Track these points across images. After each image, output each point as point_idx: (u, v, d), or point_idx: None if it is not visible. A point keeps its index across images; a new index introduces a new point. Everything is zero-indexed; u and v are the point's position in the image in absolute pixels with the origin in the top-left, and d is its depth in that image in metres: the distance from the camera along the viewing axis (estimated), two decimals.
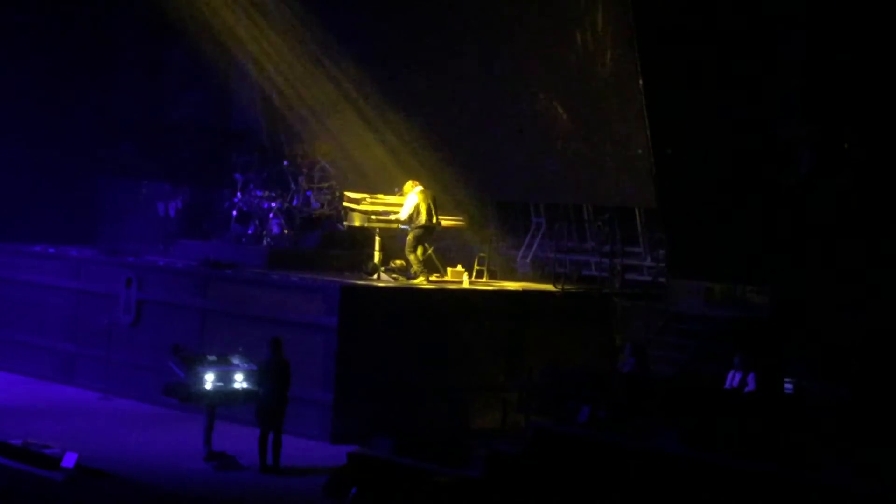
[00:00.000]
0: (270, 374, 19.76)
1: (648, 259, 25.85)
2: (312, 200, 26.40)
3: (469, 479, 17.60)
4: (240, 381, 19.97)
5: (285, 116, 29.96)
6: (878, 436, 16.23)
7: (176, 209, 29.28)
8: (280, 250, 25.90)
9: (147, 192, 29.80)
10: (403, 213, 24.15)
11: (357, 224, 24.74)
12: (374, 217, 24.61)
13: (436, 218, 24.19)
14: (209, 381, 19.72)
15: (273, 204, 26.67)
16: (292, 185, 26.71)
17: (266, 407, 19.68)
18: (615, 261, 25.73)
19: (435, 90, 27.39)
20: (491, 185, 27.42)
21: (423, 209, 23.94)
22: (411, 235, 24.05)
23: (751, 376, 19.76)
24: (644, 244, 25.91)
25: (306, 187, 26.49)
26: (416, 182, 24.40)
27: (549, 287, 25.17)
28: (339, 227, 25.77)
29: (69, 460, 18.70)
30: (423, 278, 23.97)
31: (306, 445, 21.15)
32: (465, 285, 24.60)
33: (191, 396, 19.94)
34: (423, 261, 24.14)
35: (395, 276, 24.16)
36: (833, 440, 16.43)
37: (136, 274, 25.49)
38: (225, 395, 19.90)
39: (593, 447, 17.87)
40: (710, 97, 23.32)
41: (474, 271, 25.57)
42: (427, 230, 24.13)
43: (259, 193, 26.97)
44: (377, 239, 24.54)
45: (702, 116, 23.49)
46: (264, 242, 26.36)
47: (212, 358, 20.05)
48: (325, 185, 26.59)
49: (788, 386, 21.04)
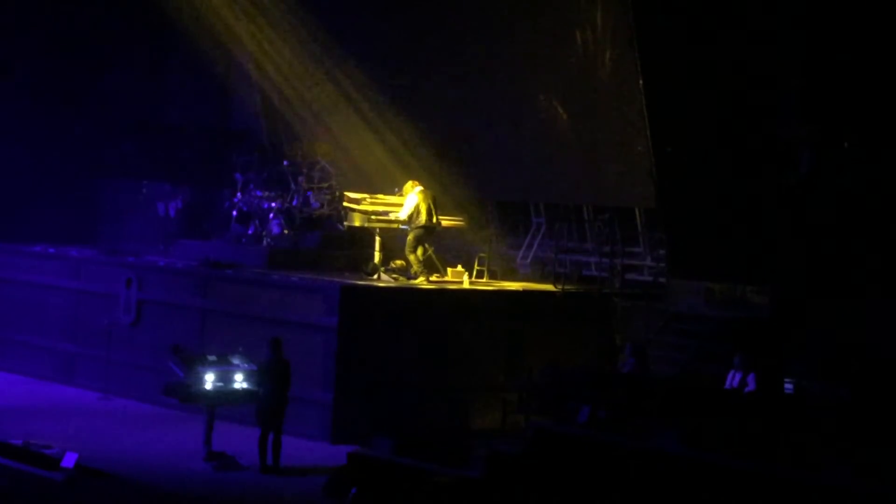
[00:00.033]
0: (270, 374, 19.75)
1: (648, 259, 25.83)
2: (312, 200, 26.37)
3: (469, 479, 17.60)
4: (240, 381, 19.97)
5: (285, 116, 29.97)
6: (878, 436, 16.23)
7: (176, 209, 29.25)
8: (280, 250, 25.89)
9: (147, 192, 29.77)
10: (403, 213, 24.14)
11: (357, 224, 24.73)
12: (374, 217, 24.59)
13: (436, 218, 24.18)
14: (209, 381, 19.73)
15: (273, 204, 26.65)
16: (292, 185, 26.68)
17: (266, 407, 19.68)
18: (615, 261, 25.71)
19: (435, 90, 27.38)
20: (491, 185, 27.41)
21: (423, 209, 23.93)
22: (411, 236, 24.04)
23: (751, 376, 19.77)
24: (644, 244, 25.90)
25: (306, 187, 26.46)
26: (416, 182, 24.39)
27: (549, 287, 25.17)
28: (339, 227, 25.76)
29: (69, 460, 18.69)
30: (424, 278, 23.96)
31: (306, 445, 21.14)
32: (466, 285, 24.59)
33: (191, 396, 19.93)
34: (423, 261, 24.13)
35: (395, 276, 24.15)
36: (833, 440, 16.43)
37: (136, 274, 25.48)
38: (225, 395, 19.91)
39: (593, 447, 17.86)
40: (710, 97, 23.31)
41: (474, 271, 25.56)
42: (427, 230, 24.12)
43: (259, 193, 26.96)
44: (377, 239, 24.52)
45: (702, 116, 23.48)
46: (264, 242, 26.35)
47: (212, 358, 20.05)
48: (325, 185, 26.56)
49: (788, 386, 21.03)
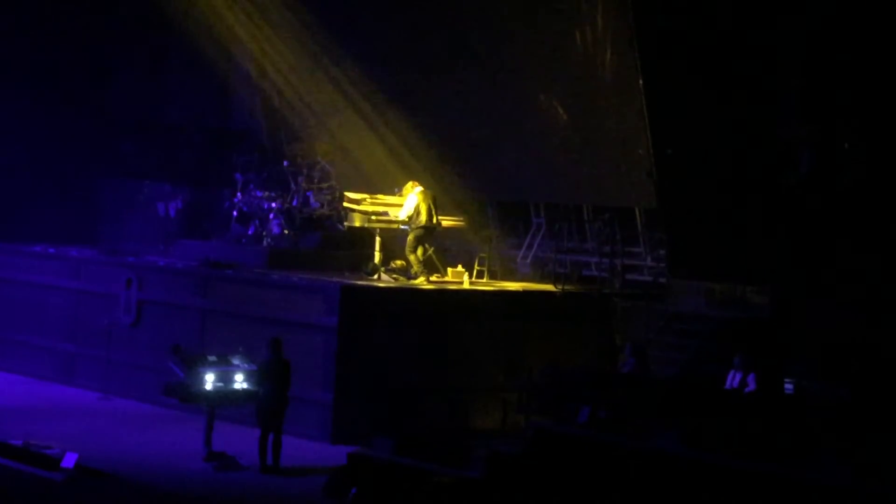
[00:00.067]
0: (270, 375, 19.74)
1: (649, 259, 25.81)
2: (312, 200, 26.38)
3: (469, 479, 17.58)
4: (240, 382, 19.96)
5: (285, 116, 29.96)
6: (878, 436, 16.23)
7: (176, 209, 29.25)
8: (280, 250, 25.90)
9: (147, 192, 29.77)
10: (403, 214, 24.14)
11: (357, 224, 24.75)
12: (374, 217, 24.60)
13: (436, 218, 24.18)
14: (209, 381, 19.72)
15: (273, 204, 26.65)
16: (292, 186, 26.69)
17: (266, 407, 19.67)
18: (615, 261, 25.70)
19: (435, 90, 27.37)
20: (491, 185, 27.41)
21: (423, 209, 23.93)
22: (411, 236, 24.04)
23: (751, 376, 19.78)
24: (644, 244, 25.88)
25: (306, 187, 26.47)
26: (416, 182, 24.40)
27: (549, 287, 25.16)
28: (340, 227, 25.77)
29: (69, 460, 18.69)
30: (424, 279, 23.96)
31: (306, 445, 21.14)
32: (466, 286, 24.59)
33: (191, 396, 19.93)
34: (423, 261, 24.13)
35: (395, 276, 24.15)
36: (833, 440, 16.43)
37: (136, 274, 25.48)
38: (225, 396, 19.90)
39: (593, 447, 17.86)
40: (710, 97, 23.30)
41: (474, 271, 25.56)
42: (427, 230, 24.12)
43: (259, 193, 26.96)
44: (377, 239, 24.53)
45: (702, 116, 23.47)
46: (264, 242, 26.35)
47: (212, 358, 20.04)
48: (325, 185, 26.57)
49: (788, 386, 21.03)
